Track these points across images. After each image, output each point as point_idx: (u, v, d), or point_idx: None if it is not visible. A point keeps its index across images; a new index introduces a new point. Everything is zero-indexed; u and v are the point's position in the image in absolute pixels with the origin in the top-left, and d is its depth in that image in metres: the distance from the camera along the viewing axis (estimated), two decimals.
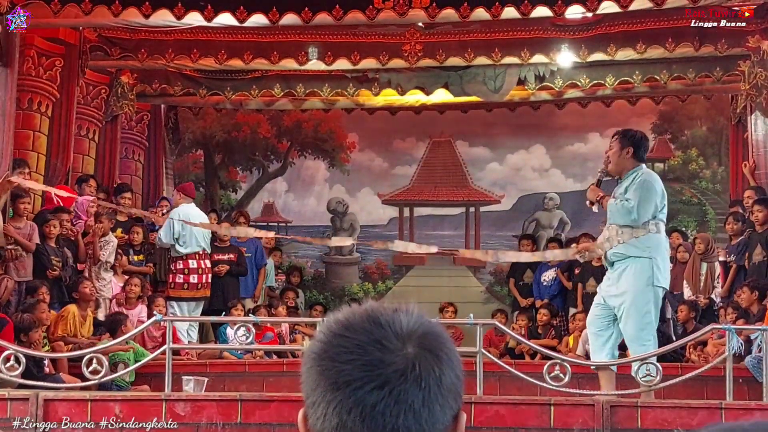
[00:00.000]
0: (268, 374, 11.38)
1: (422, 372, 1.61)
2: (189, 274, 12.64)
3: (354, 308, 1.70)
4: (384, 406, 1.59)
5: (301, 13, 11.57)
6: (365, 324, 1.65)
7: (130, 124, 15.16)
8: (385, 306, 1.69)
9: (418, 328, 1.66)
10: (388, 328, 1.64)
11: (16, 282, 10.82)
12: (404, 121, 16.79)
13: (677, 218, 16.36)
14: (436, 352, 1.65)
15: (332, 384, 1.61)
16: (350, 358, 1.61)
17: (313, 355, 1.66)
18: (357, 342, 1.62)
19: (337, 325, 1.67)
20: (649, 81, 14.20)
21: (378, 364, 1.60)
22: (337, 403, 1.60)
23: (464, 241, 17.08)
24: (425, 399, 1.61)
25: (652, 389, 8.32)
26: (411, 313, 1.68)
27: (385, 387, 1.59)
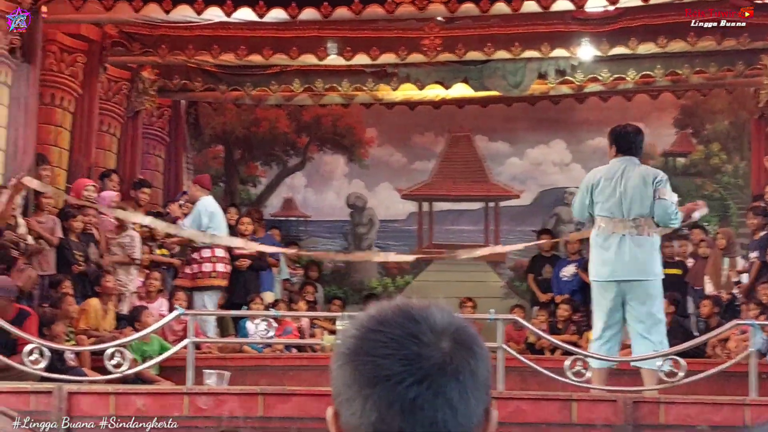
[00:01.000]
0: (288, 368, 11.41)
1: (459, 366, 1.61)
2: (216, 262, 12.63)
3: (385, 304, 1.69)
4: (423, 400, 1.59)
5: (321, 8, 11.60)
6: (399, 319, 1.64)
7: (150, 120, 15.21)
8: (416, 301, 1.69)
9: (451, 323, 1.66)
10: (424, 323, 1.64)
11: (39, 275, 10.88)
12: (423, 116, 16.76)
13: None
14: (470, 346, 1.65)
15: (370, 379, 1.60)
16: (388, 352, 1.61)
17: (346, 351, 1.65)
18: (393, 336, 1.62)
19: (371, 321, 1.66)
20: (670, 75, 14.15)
21: (416, 359, 1.60)
22: (375, 398, 1.59)
23: (484, 236, 17.04)
24: (462, 393, 1.61)
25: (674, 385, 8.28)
26: (443, 309, 1.68)
27: (424, 381, 1.59)
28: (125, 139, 14.34)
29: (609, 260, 8.42)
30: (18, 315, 9.39)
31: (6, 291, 9.35)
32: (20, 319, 9.32)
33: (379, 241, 17.20)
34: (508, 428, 7.91)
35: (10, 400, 8.07)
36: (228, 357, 11.55)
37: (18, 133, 11.10)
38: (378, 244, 17.22)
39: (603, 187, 8.46)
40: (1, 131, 11.07)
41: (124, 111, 14.27)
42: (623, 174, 8.46)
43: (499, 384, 8.37)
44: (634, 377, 9.15)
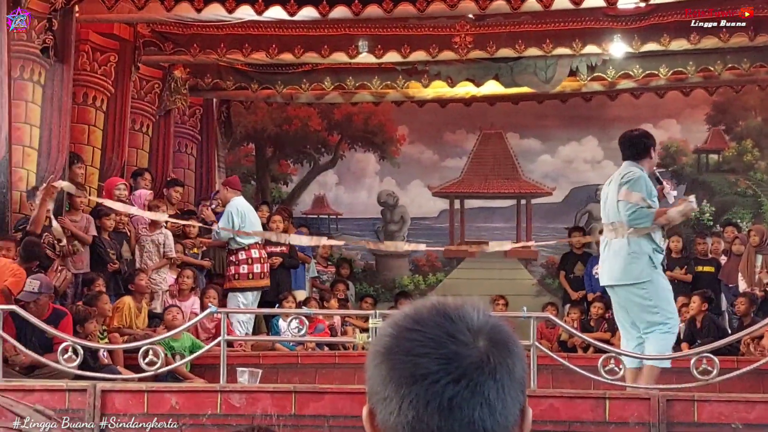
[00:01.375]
0: (320, 366, 11.42)
1: (496, 365, 1.62)
2: (252, 264, 12.66)
3: (420, 303, 1.70)
4: (461, 399, 1.59)
5: (351, 6, 11.61)
6: (436, 318, 1.65)
7: (182, 118, 15.26)
8: (451, 300, 1.69)
9: (487, 322, 1.66)
10: (460, 322, 1.64)
11: (73, 274, 10.95)
12: (454, 113, 16.77)
13: (732, 210, 16.23)
14: (507, 344, 1.66)
15: (407, 378, 1.60)
16: (425, 351, 1.61)
17: (382, 350, 1.65)
18: (430, 335, 1.62)
19: (407, 320, 1.66)
20: (702, 71, 14.07)
21: (454, 357, 1.60)
22: (413, 397, 1.60)
23: (516, 233, 17.02)
24: (499, 392, 1.62)
25: (708, 383, 8.23)
26: (478, 308, 1.68)
27: (461, 380, 1.59)
28: (157, 138, 14.39)
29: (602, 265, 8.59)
30: (53, 314, 9.45)
31: (47, 288, 9.44)
32: (56, 319, 9.38)
33: (411, 239, 17.18)
34: (541, 426, 7.89)
35: (45, 398, 8.13)
36: (260, 355, 11.57)
37: (51, 133, 11.16)
38: (409, 241, 17.20)
39: (601, 194, 8.69)
40: (35, 131, 11.13)
41: (156, 110, 14.33)
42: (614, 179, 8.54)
43: (531, 382, 8.34)
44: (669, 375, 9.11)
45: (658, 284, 8.37)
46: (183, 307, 11.92)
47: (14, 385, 8.36)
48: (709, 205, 16.32)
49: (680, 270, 13.61)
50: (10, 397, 8.01)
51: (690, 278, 13.52)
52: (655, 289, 8.34)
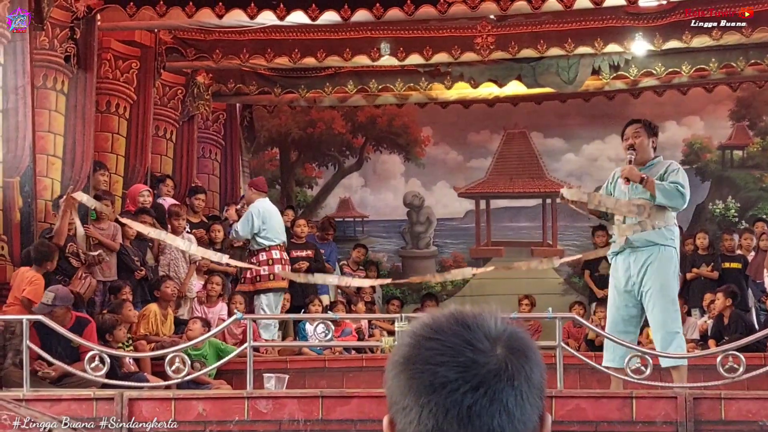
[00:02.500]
0: (347, 370, 11.41)
1: (514, 372, 1.62)
2: (273, 265, 12.66)
3: (437, 312, 1.70)
4: (480, 407, 1.59)
5: (373, 9, 11.62)
6: (454, 326, 1.65)
7: (206, 124, 15.31)
8: (467, 309, 1.70)
9: (505, 329, 1.67)
10: (478, 330, 1.65)
11: (100, 281, 11.00)
12: (478, 114, 16.78)
13: (758, 206, 16.16)
14: (525, 351, 1.66)
15: (427, 387, 1.61)
16: (444, 360, 1.61)
17: (400, 359, 1.66)
18: (449, 344, 1.63)
19: (425, 329, 1.67)
20: (725, 68, 14.01)
21: (472, 365, 1.61)
22: (432, 406, 1.60)
23: (542, 232, 17.01)
24: (517, 399, 1.62)
25: (735, 380, 8.20)
26: (495, 315, 1.69)
27: (480, 388, 1.60)
28: (181, 144, 14.43)
29: None
30: (77, 323, 9.48)
31: (63, 300, 9.43)
32: (80, 327, 9.40)
33: (437, 240, 17.23)
34: (568, 427, 7.88)
35: (72, 407, 8.17)
36: (287, 359, 11.59)
37: (75, 141, 11.22)
38: (436, 242, 17.25)
39: None
40: (59, 139, 11.19)
41: (180, 116, 14.38)
42: None
43: (558, 382, 8.33)
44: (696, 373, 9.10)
45: None
46: (211, 314, 11.96)
47: (41, 395, 8.40)
48: (734, 201, 16.26)
49: (707, 267, 13.57)
50: (35, 409, 8.06)
51: (716, 275, 13.47)
52: None
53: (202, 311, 12.01)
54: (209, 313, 11.95)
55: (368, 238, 17.12)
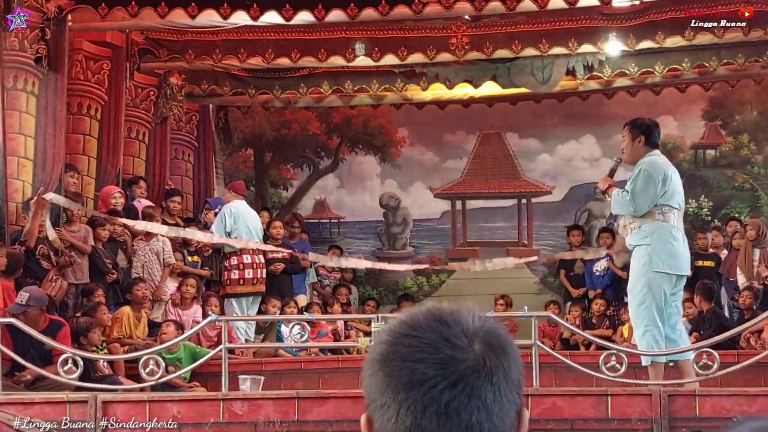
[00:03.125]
0: (323, 371, 11.40)
1: (492, 368, 1.63)
2: (244, 269, 12.62)
3: (415, 309, 1.70)
4: (458, 403, 1.60)
5: (347, 10, 11.59)
6: (432, 323, 1.65)
7: (179, 125, 15.19)
8: (446, 305, 1.69)
9: (482, 325, 1.67)
10: (456, 327, 1.65)
11: (71, 284, 10.93)
12: (453, 115, 16.78)
13: (729, 205, 16.22)
14: (503, 347, 1.66)
15: (405, 384, 1.61)
16: (422, 356, 1.61)
17: (378, 357, 1.66)
18: (427, 341, 1.63)
19: (402, 326, 1.67)
20: (698, 68, 14.06)
21: (450, 362, 1.61)
22: (411, 403, 1.60)
23: (517, 232, 17.03)
24: (496, 395, 1.62)
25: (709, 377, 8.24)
26: (473, 312, 1.69)
27: (458, 384, 1.60)
28: (154, 146, 14.33)
29: (680, 253, 8.46)
30: (50, 325, 9.43)
31: (37, 301, 9.39)
32: (53, 330, 9.36)
33: (414, 241, 17.23)
34: (544, 425, 7.91)
35: (46, 410, 8.12)
36: (263, 361, 11.56)
37: (46, 143, 11.12)
38: (412, 243, 17.24)
39: (675, 180, 8.50)
40: (30, 141, 11.09)
41: (152, 117, 14.29)
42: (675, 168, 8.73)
43: (534, 381, 8.37)
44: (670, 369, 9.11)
45: None
46: (185, 316, 11.90)
47: (15, 398, 8.35)
48: (707, 200, 16.33)
49: None
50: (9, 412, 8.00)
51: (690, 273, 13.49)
52: None
53: (176, 314, 11.95)
54: (183, 316, 11.90)
55: (344, 240, 17.09)
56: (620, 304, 13.61)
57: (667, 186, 8.37)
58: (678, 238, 8.40)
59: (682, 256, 8.46)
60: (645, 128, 8.65)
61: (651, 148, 8.56)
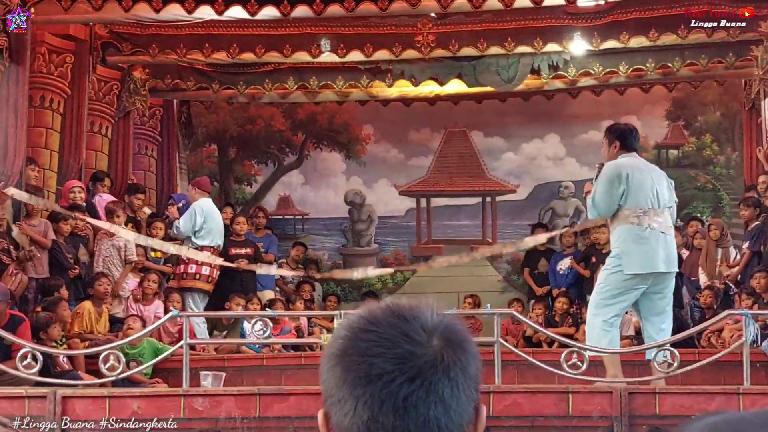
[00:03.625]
0: (286, 367, 11.40)
1: (450, 363, 1.63)
2: (202, 265, 12.58)
3: (374, 305, 1.71)
4: (416, 398, 1.60)
5: (313, 5, 11.59)
6: (390, 318, 1.66)
7: (142, 120, 15.08)
8: (405, 301, 1.70)
9: (441, 321, 1.67)
10: (414, 322, 1.65)
11: (31, 278, 10.85)
12: (419, 112, 16.78)
13: (692, 204, 16.32)
14: (461, 343, 1.67)
15: (362, 378, 1.61)
16: (380, 351, 1.61)
17: (337, 352, 1.66)
18: (385, 336, 1.63)
19: (361, 321, 1.67)
20: (662, 68, 14.12)
21: (409, 357, 1.61)
22: (368, 397, 1.60)
23: (481, 230, 17.06)
24: (453, 390, 1.62)
25: (668, 375, 8.31)
26: (432, 307, 1.69)
27: (416, 379, 1.60)
28: (117, 140, 14.23)
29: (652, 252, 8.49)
30: (10, 320, 9.36)
31: (4, 296, 9.35)
32: (13, 325, 9.29)
33: (378, 238, 17.22)
34: (504, 422, 7.92)
35: (3, 405, 8.06)
36: (225, 358, 11.53)
37: (8, 136, 11.02)
38: (377, 240, 17.24)
39: (640, 179, 8.51)
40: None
41: (116, 111, 14.21)
42: (646, 168, 8.75)
43: (496, 378, 8.40)
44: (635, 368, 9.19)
45: None
46: (147, 312, 11.85)
47: None
48: None
49: None
50: None
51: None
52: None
53: (137, 309, 11.89)
54: (145, 311, 11.85)
55: (309, 236, 17.07)
56: (583, 302, 13.67)
57: (626, 185, 8.41)
58: (648, 237, 8.44)
59: (655, 255, 8.49)
60: (620, 133, 8.77)
61: (627, 152, 8.64)
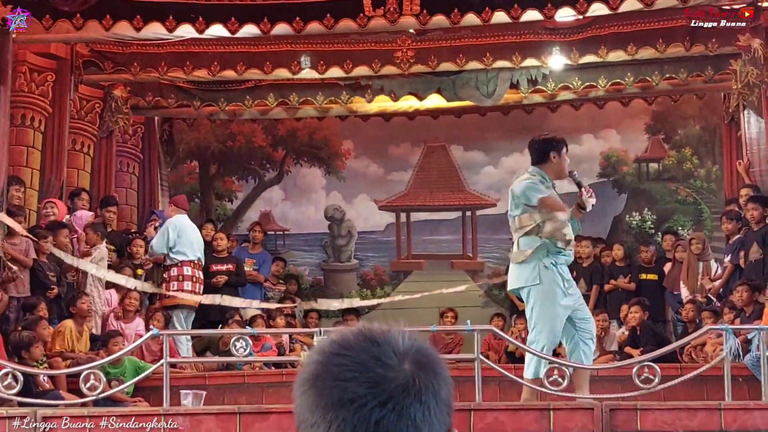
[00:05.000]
0: (267, 385, 11.35)
1: (422, 387, 1.64)
2: (183, 281, 12.53)
3: (346, 329, 1.71)
4: (388, 421, 1.60)
5: (293, 23, 11.61)
6: (362, 342, 1.66)
7: (124, 138, 15.07)
8: (377, 325, 1.71)
9: (412, 345, 1.68)
10: (386, 346, 1.66)
11: (12, 297, 10.81)
12: (398, 127, 16.79)
13: (673, 218, 16.37)
14: (433, 367, 1.67)
15: (335, 402, 1.62)
16: (352, 375, 1.62)
17: (309, 377, 1.67)
18: (357, 360, 1.64)
19: (333, 345, 1.68)
20: (641, 82, 14.20)
21: (381, 381, 1.62)
22: (340, 422, 1.61)
23: (462, 245, 17.06)
24: (425, 414, 1.63)
25: (651, 391, 8.31)
26: (403, 332, 1.70)
27: (388, 403, 1.61)
28: (99, 158, 14.23)
29: None
30: None
31: None
32: None
33: (359, 253, 17.21)
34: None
35: None
36: (206, 375, 11.49)
37: None
38: (357, 255, 17.22)
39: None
40: None
41: (98, 130, 14.19)
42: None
43: (476, 395, 8.39)
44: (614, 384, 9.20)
45: (539, 296, 8.43)
46: (128, 329, 11.82)
47: None
48: (650, 213, 16.46)
49: (624, 278, 13.74)
50: None
51: (634, 287, 13.65)
52: (534, 300, 8.45)
53: (118, 326, 11.86)
54: (126, 329, 11.81)
55: (289, 252, 17.05)
56: None
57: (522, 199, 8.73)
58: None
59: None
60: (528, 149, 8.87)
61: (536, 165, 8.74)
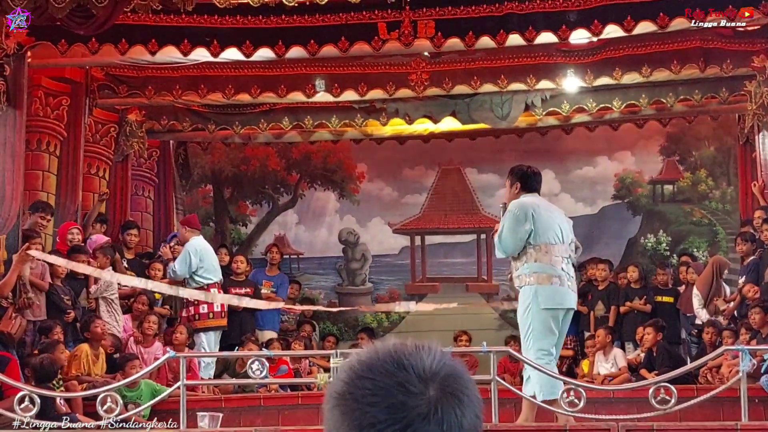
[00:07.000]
0: (283, 407, 11.35)
1: (444, 415, 1.63)
2: (212, 303, 12.57)
3: (377, 348, 1.72)
4: None
5: (307, 46, 11.66)
6: (388, 366, 1.67)
7: (139, 161, 15.15)
8: (408, 345, 1.71)
9: (440, 369, 1.68)
10: (411, 371, 1.66)
11: (29, 321, 10.83)
12: (413, 150, 16.80)
13: (688, 239, 16.33)
14: (458, 394, 1.67)
15: (356, 425, 1.63)
16: (374, 400, 1.63)
17: (335, 394, 1.68)
18: (381, 385, 1.65)
19: (360, 366, 1.69)
20: (655, 104, 14.18)
21: (401, 408, 1.62)
22: None
23: (476, 268, 17.05)
24: None
25: (667, 412, 8.28)
26: (434, 353, 1.70)
27: (407, 430, 1.61)
28: (114, 182, 14.29)
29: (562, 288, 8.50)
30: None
31: None
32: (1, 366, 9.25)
33: (373, 276, 17.21)
34: None
35: None
36: (222, 398, 11.49)
37: (5, 180, 11.05)
38: (371, 279, 17.22)
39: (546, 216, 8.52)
40: None
41: (113, 153, 14.24)
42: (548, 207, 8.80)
43: (493, 416, 8.38)
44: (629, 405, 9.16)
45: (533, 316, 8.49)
46: (147, 354, 11.82)
47: None
48: (665, 235, 16.44)
49: (639, 300, 13.70)
50: None
51: (649, 308, 13.61)
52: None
53: (138, 351, 11.87)
54: (145, 353, 11.82)
55: (304, 275, 17.06)
56: (580, 339, 13.69)
57: (533, 223, 8.41)
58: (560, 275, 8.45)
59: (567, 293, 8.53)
60: (521, 175, 8.76)
61: (529, 193, 8.66)
